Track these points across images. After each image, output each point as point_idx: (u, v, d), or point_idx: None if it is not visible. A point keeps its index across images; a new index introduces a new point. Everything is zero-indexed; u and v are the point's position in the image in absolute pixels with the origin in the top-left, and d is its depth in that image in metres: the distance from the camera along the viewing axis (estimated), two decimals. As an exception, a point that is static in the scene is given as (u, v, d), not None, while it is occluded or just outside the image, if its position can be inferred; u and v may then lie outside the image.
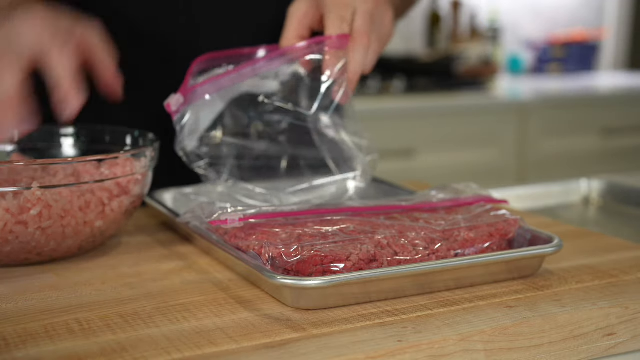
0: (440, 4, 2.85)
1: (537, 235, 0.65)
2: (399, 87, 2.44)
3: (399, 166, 2.24)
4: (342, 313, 0.55)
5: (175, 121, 0.74)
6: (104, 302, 0.57)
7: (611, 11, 3.28)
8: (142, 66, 0.91)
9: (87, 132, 0.78)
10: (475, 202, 0.70)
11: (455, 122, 2.36)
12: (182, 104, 0.72)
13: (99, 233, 0.68)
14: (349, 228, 0.63)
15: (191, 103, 0.73)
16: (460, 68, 2.57)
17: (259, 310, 0.56)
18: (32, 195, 0.62)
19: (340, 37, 0.74)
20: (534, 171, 2.49)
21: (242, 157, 0.80)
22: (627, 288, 0.60)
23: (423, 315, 0.55)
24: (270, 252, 0.57)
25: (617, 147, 2.65)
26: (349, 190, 0.80)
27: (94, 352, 0.48)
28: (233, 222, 0.62)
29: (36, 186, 0.62)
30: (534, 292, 0.60)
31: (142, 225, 0.79)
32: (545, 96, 2.53)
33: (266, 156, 0.82)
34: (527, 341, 0.53)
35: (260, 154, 0.82)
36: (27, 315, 0.55)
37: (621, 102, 2.69)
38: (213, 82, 0.74)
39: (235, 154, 0.80)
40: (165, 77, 0.91)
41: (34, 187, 0.62)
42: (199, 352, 0.48)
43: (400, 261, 0.59)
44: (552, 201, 1.02)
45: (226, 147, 0.79)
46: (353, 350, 0.48)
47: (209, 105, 0.75)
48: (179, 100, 0.72)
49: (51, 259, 0.67)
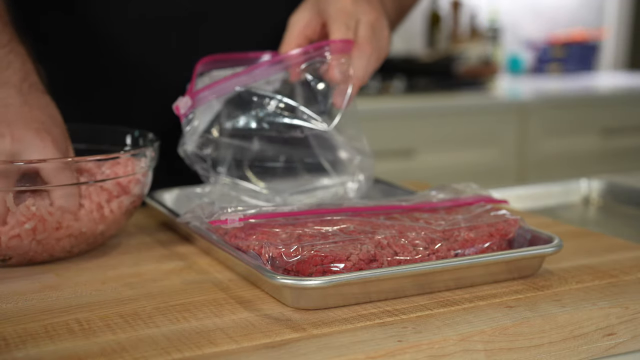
0: (440, 4, 2.85)
1: (537, 235, 0.65)
2: (399, 87, 2.44)
3: (399, 166, 2.24)
4: (342, 313, 0.55)
5: (183, 124, 0.74)
6: (104, 302, 0.57)
7: (611, 11, 3.28)
8: (142, 66, 0.92)
9: (87, 132, 0.78)
10: (475, 202, 0.70)
11: (455, 122, 2.36)
12: (190, 106, 0.73)
13: (99, 234, 0.68)
14: (349, 228, 0.63)
15: (197, 106, 0.73)
16: (460, 68, 2.57)
17: (259, 310, 0.56)
18: (26, 210, 0.62)
19: (344, 42, 0.74)
20: (534, 171, 2.49)
21: (240, 157, 0.80)
22: (627, 288, 0.60)
23: (423, 315, 0.55)
24: (270, 252, 0.57)
25: (617, 147, 2.65)
26: (348, 192, 0.80)
27: (94, 352, 0.48)
28: (233, 222, 0.62)
29: (30, 203, 0.63)
30: (534, 292, 0.60)
31: (142, 225, 0.79)
32: (545, 96, 2.53)
33: (264, 157, 0.82)
34: (527, 341, 0.53)
35: (258, 154, 0.82)
36: (27, 315, 0.55)
37: (621, 102, 2.69)
38: (218, 85, 0.74)
39: (234, 155, 0.80)
40: (166, 77, 0.92)
41: (28, 202, 0.62)
42: (199, 352, 0.48)
43: (400, 261, 0.59)
44: (552, 201, 1.02)
45: (225, 148, 0.79)
46: (353, 350, 0.48)
47: (207, 107, 0.75)
48: (187, 103, 0.72)
49: (52, 260, 0.67)
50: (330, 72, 0.74)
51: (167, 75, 0.92)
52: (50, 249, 0.65)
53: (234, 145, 0.80)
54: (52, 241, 0.65)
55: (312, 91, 0.76)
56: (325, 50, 0.74)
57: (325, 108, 0.76)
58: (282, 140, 0.80)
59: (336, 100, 0.75)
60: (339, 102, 0.75)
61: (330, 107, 0.76)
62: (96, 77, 0.93)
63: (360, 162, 0.80)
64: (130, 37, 0.90)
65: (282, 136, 0.78)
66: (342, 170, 0.82)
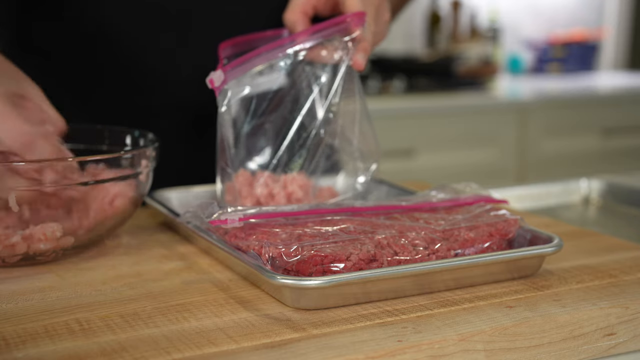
0: (440, 4, 2.85)
1: (537, 235, 0.65)
2: (399, 87, 2.44)
3: (399, 166, 2.24)
4: (342, 313, 0.55)
5: (218, 101, 0.75)
6: (104, 302, 0.57)
7: (611, 11, 3.28)
8: (140, 63, 0.91)
9: (87, 132, 0.78)
10: (475, 202, 0.70)
11: (455, 122, 2.36)
12: (223, 81, 0.73)
13: (99, 234, 0.68)
14: (349, 228, 0.63)
15: (229, 80, 0.74)
16: (460, 68, 2.57)
17: (259, 310, 0.56)
18: (51, 232, 0.63)
19: (360, 15, 0.75)
20: (534, 171, 2.49)
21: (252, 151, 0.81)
22: (627, 288, 0.60)
23: (423, 315, 0.55)
24: (270, 252, 0.57)
25: (617, 147, 2.65)
26: (350, 191, 0.80)
27: (94, 352, 0.48)
28: (233, 222, 0.62)
29: (59, 228, 0.64)
30: (534, 292, 0.60)
31: (142, 225, 0.79)
32: (545, 96, 2.53)
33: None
34: (527, 341, 0.53)
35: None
36: (27, 315, 0.55)
37: (621, 102, 2.69)
38: (247, 60, 0.75)
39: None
40: (164, 76, 0.92)
41: (55, 228, 0.64)
42: (199, 352, 0.48)
43: (400, 261, 0.59)
44: (552, 201, 1.02)
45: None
46: (353, 350, 0.48)
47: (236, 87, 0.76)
48: (220, 77, 0.73)
49: (52, 259, 0.67)
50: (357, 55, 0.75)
51: (165, 74, 0.92)
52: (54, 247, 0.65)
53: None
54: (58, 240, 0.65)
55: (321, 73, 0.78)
56: (345, 25, 0.75)
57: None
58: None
59: (353, 60, 0.76)
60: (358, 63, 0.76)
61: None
62: (92, 78, 0.93)
63: (361, 165, 0.81)
64: (127, 33, 0.90)
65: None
66: (345, 170, 0.83)
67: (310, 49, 0.76)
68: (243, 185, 0.76)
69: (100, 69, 0.92)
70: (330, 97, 0.78)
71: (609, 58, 3.32)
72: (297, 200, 0.76)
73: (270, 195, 0.76)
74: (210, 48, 0.84)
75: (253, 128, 0.79)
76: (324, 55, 0.77)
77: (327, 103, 0.78)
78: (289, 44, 0.76)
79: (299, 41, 0.76)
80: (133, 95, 0.93)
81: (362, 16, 0.75)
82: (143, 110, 0.93)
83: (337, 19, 0.76)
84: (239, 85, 0.75)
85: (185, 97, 0.93)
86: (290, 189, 0.76)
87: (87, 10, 0.88)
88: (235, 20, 0.92)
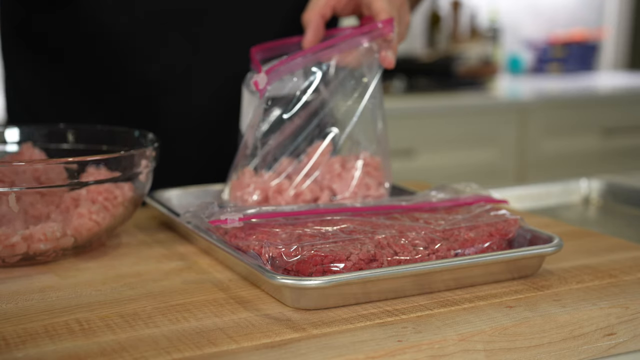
0: (440, 4, 2.85)
1: (537, 235, 0.65)
2: (399, 87, 2.44)
3: (399, 166, 2.24)
4: (342, 313, 0.55)
5: (260, 103, 0.76)
6: (104, 302, 0.57)
7: (611, 11, 3.28)
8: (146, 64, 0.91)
9: (87, 132, 0.78)
10: (475, 202, 0.70)
11: (455, 122, 2.36)
12: (267, 82, 0.73)
13: (99, 234, 0.68)
14: (349, 228, 0.63)
15: (271, 82, 0.75)
16: (460, 68, 2.57)
17: (259, 310, 0.56)
18: (51, 232, 0.63)
19: (390, 21, 0.76)
20: (534, 171, 2.49)
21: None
22: (627, 288, 0.60)
23: (423, 315, 0.55)
24: (270, 252, 0.57)
25: (617, 147, 2.65)
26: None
27: (94, 352, 0.48)
28: (233, 222, 0.62)
29: (58, 228, 0.64)
30: (534, 292, 0.60)
31: (142, 225, 0.79)
32: (545, 96, 2.53)
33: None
34: (527, 341, 0.53)
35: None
36: (27, 315, 0.55)
37: (621, 102, 2.69)
38: (288, 62, 0.75)
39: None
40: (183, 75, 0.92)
41: (55, 228, 0.63)
42: (199, 352, 0.48)
43: (400, 261, 0.59)
44: (552, 201, 1.02)
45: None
46: (353, 350, 0.48)
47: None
48: (264, 79, 0.73)
49: (52, 259, 0.67)
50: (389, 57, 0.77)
51: (179, 77, 0.92)
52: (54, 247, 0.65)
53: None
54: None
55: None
56: (378, 31, 0.76)
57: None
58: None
59: (382, 58, 0.77)
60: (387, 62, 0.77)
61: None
62: (106, 80, 0.93)
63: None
64: (134, 36, 0.90)
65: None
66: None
67: (343, 55, 0.77)
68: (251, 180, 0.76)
69: (115, 72, 0.92)
70: (361, 101, 0.79)
71: (609, 58, 3.32)
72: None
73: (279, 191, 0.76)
74: (224, 49, 0.84)
75: (277, 130, 0.79)
76: (356, 61, 0.78)
77: (354, 107, 0.79)
78: (322, 51, 0.77)
79: (333, 48, 0.77)
80: (146, 98, 0.93)
81: (392, 22, 0.76)
82: (156, 113, 0.93)
83: (369, 26, 0.76)
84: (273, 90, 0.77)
85: (199, 101, 0.93)
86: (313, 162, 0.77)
87: (104, 15, 0.88)
88: (250, 20, 0.92)
